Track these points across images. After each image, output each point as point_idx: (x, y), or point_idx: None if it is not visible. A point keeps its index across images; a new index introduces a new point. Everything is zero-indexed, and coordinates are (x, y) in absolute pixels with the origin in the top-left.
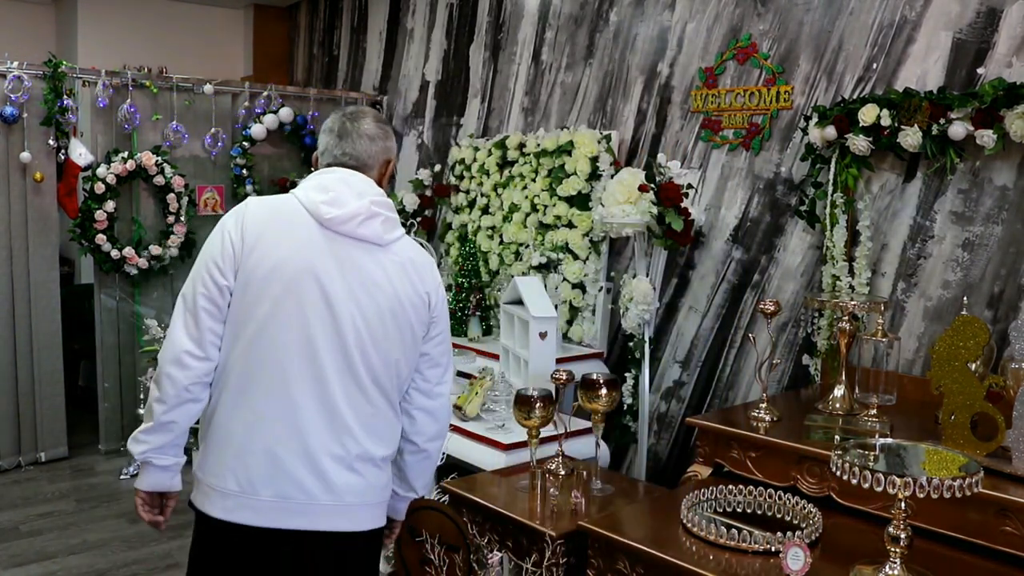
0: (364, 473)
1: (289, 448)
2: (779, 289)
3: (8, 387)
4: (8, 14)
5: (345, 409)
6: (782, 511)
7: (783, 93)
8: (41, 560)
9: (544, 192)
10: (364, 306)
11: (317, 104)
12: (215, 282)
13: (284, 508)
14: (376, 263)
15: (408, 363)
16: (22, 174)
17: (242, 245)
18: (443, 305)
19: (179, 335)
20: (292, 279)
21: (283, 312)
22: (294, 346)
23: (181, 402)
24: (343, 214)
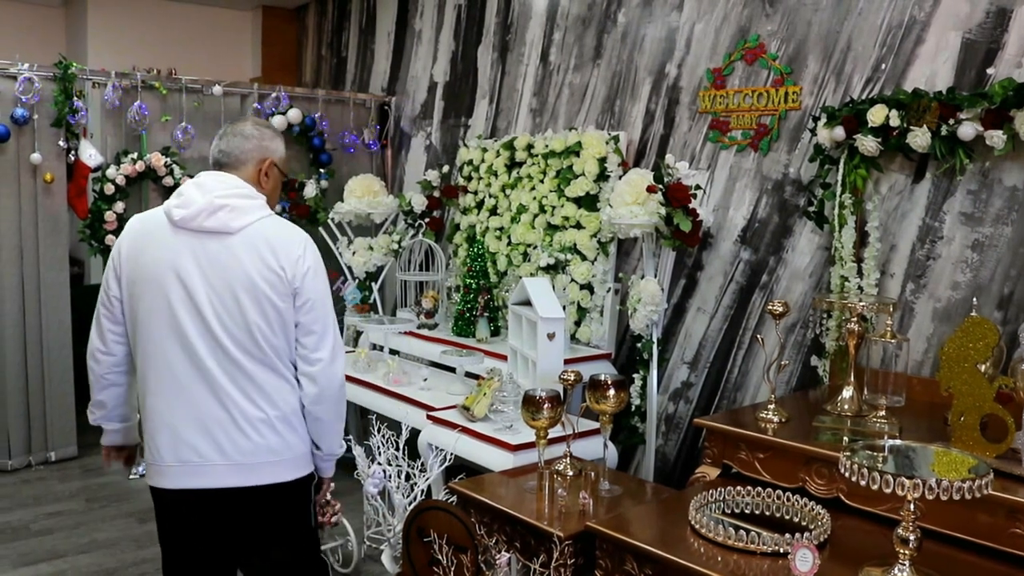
0: (250, 434)
1: (182, 418)
2: (787, 290)
3: (19, 387)
4: (19, 16)
5: (220, 378)
6: (790, 512)
7: (791, 94)
8: (51, 559)
9: (552, 193)
10: (217, 286)
11: (325, 105)
12: (106, 293)
13: (184, 471)
14: (225, 248)
15: (274, 329)
16: (32, 175)
17: (120, 259)
18: (307, 277)
19: (92, 335)
20: (156, 276)
21: (154, 306)
22: (167, 332)
23: (103, 387)
24: (189, 213)
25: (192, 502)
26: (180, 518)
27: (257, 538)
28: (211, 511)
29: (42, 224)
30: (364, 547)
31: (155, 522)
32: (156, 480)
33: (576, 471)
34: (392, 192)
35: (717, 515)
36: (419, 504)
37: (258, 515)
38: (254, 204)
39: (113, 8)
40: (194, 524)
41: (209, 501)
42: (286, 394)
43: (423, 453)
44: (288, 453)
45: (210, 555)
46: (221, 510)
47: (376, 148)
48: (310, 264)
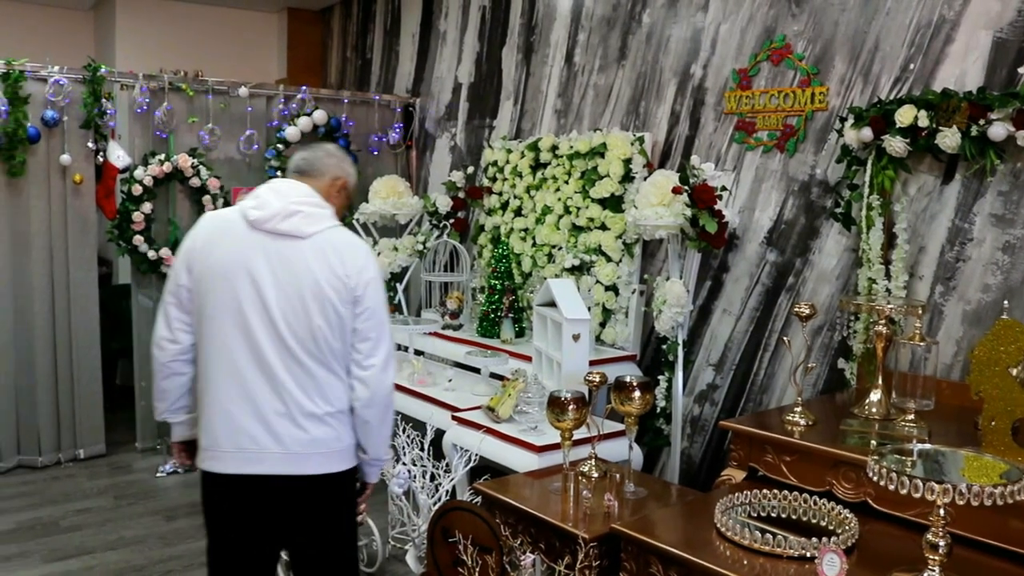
0: (306, 427)
1: (241, 408)
2: (814, 292)
3: (48, 385)
4: (49, 20)
5: (281, 372)
6: (817, 516)
7: (818, 94)
8: (80, 555)
9: (577, 194)
10: (285, 287)
11: (350, 107)
12: (176, 283)
13: (241, 457)
14: (296, 251)
15: (335, 332)
16: (62, 176)
17: (192, 252)
18: (369, 287)
19: (158, 324)
20: (228, 272)
21: (223, 299)
22: (233, 324)
23: (166, 375)
24: (264, 215)
25: (246, 487)
26: (233, 502)
27: (303, 524)
28: (263, 496)
29: (71, 224)
30: (388, 547)
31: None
32: (212, 465)
33: (601, 473)
34: (417, 193)
35: (743, 518)
36: (444, 504)
37: (306, 502)
38: (324, 213)
39: (141, 11)
40: (246, 508)
41: (262, 487)
42: (339, 392)
43: (448, 454)
44: (337, 445)
45: (256, 539)
46: (273, 496)
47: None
48: (372, 275)
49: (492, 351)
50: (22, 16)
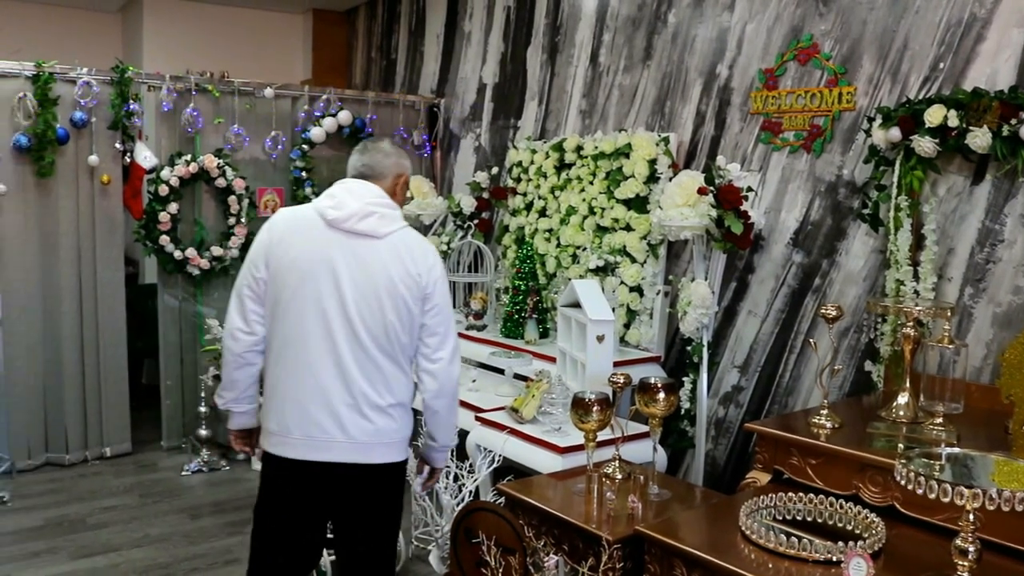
0: (372, 418)
1: (312, 397)
2: (841, 294)
3: (75, 384)
4: (77, 23)
5: (351, 365)
6: (843, 520)
7: (845, 94)
8: (106, 552)
9: (602, 195)
10: (361, 284)
11: (375, 107)
12: (253, 275)
13: (310, 445)
14: (372, 250)
15: (404, 328)
16: (90, 177)
17: (270, 245)
18: (437, 285)
19: (232, 315)
20: (307, 267)
21: (302, 292)
22: (311, 317)
23: (239, 366)
24: (343, 214)
25: (311, 472)
26: (296, 486)
27: (357, 510)
28: (326, 482)
29: (99, 224)
30: (412, 547)
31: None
32: (281, 450)
33: (625, 474)
34: (441, 193)
35: (768, 521)
36: (467, 505)
37: (364, 489)
38: (396, 214)
39: (168, 13)
40: (307, 492)
41: (327, 473)
42: (404, 385)
43: (471, 454)
44: (397, 436)
45: (308, 523)
46: (334, 482)
47: (428, 152)
48: (440, 273)
49: (516, 352)
50: (51, 19)
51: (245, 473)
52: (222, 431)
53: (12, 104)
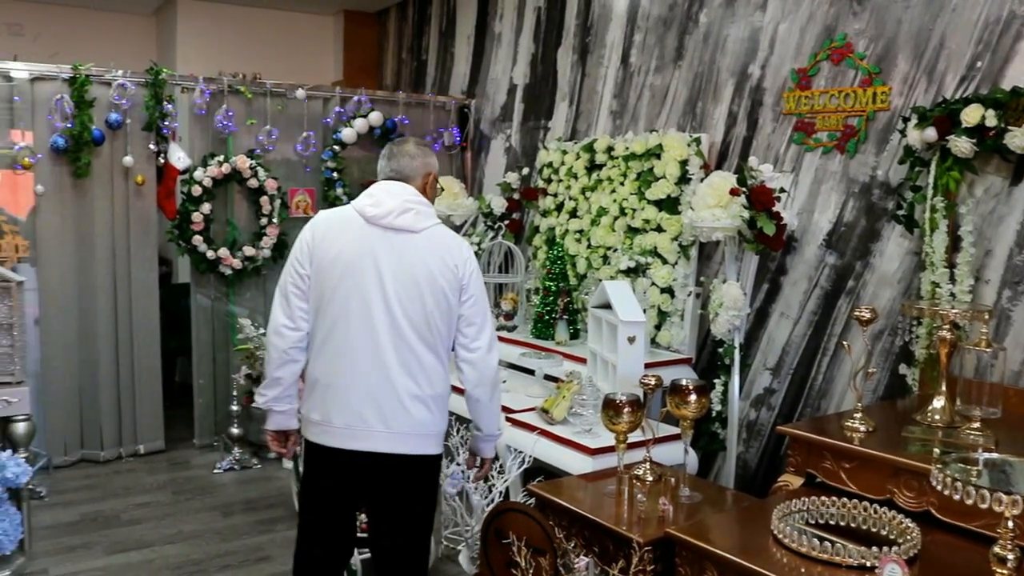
0: (411, 409)
1: (353, 387)
2: (875, 296)
3: (110, 382)
4: (113, 25)
5: (391, 356)
6: (877, 525)
7: (880, 94)
8: (140, 548)
9: (633, 196)
10: (401, 276)
11: (406, 108)
12: (298, 272)
13: (350, 434)
14: (411, 245)
15: (443, 318)
16: (125, 177)
17: (313, 243)
18: (473, 276)
19: (277, 313)
20: (350, 262)
21: (346, 286)
22: (355, 309)
23: (283, 363)
24: (381, 211)
25: (351, 461)
26: (336, 473)
27: (392, 498)
28: (364, 470)
29: (133, 225)
30: (442, 547)
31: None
32: (322, 439)
33: (656, 476)
34: (472, 194)
35: (800, 525)
36: (498, 505)
37: (399, 479)
38: (431, 211)
39: (201, 16)
40: (346, 479)
41: (365, 462)
42: (442, 377)
43: (501, 455)
44: (434, 428)
45: (347, 508)
46: (372, 471)
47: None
48: (475, 266)
49: (546, 352)
50: (87, 22)
51: (276, 472)
52: (254, 430)
53: (50, 106)
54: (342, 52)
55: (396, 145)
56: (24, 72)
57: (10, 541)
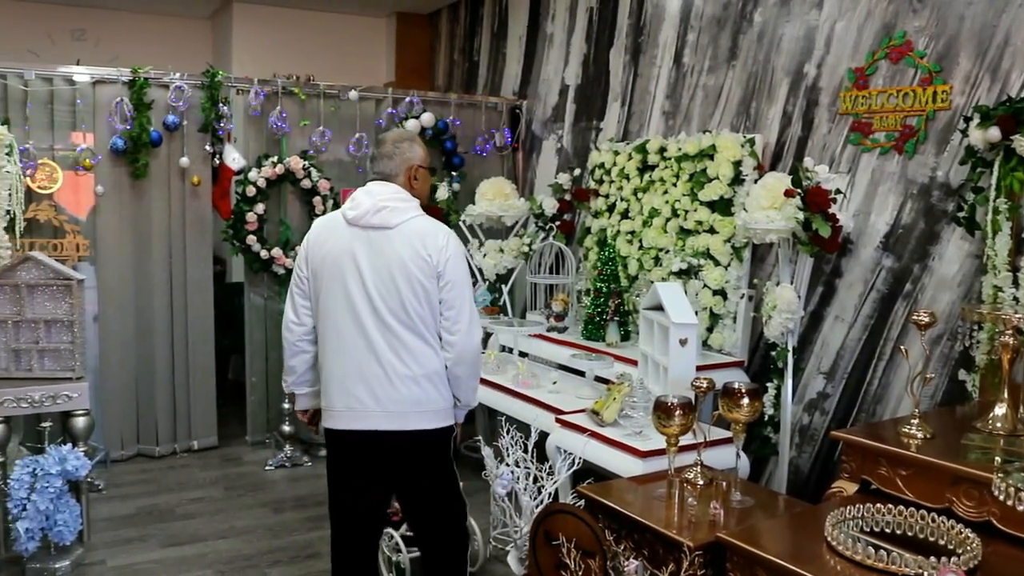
0: (400, 388)
1: (349, 373)
2: (933, 299)
3: (166, 378)
4: (170, 29)
5: (378, 341)
6: (935, 534)
7: (940, 93)
8: (194, 542)
9: (685, 197)
10: (379, 269)
11: (458, 109)
12: (299, 274)
13: (350, 415)
14: (386, 239)
15: (422, 303)
16: (181, 178)
17: (308, 247)
18: (450, 263)
19: (286, 310)
20: (335, 261)
21: (333, 284)
22: (341, 304)
23: (294, 353)
24: (359, 212)
25: (355, 441)
26: (347, 454)
27: (406, 474)
28: (370, 449)
29: (189, 224)
30: (490, 547)
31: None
32: (329, 422)
33: (707, 480)
34: (523, 195)
35: (855, 532)
36: (547, 507)
37: (406, 454)
38: (408, 206)
39: (256, 19)
40: (357, 458)
41: (368, 440)
42: (430, 357)
43: (551, 456)
44: (430, 405)
45: (367, 486)
46: (378, 449)
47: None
48: (451, 252)
49: (597, 354)
50: (147, 26)
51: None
52: (304, 428)
53: (110, 109)
54: (394, 54)
55: (376, 146)
56: (86, 76)
57: (70, 532)
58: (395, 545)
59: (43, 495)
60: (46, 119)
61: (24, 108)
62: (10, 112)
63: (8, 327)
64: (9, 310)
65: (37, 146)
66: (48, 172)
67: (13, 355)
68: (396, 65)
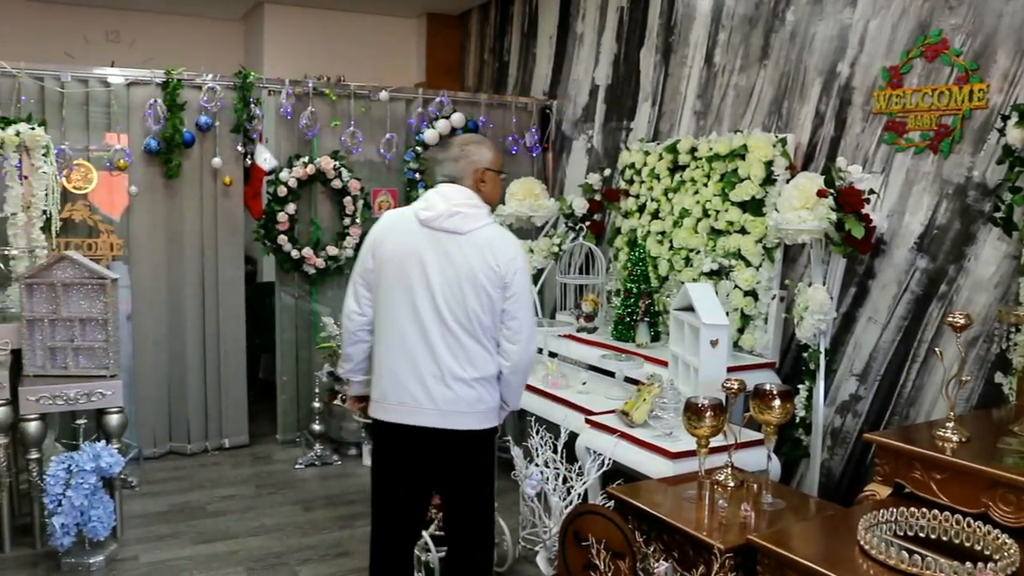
0: (455, 388)
1: (405, 369)
2: (968, 301)
3: (197, 377)
4: (202, 31)
5: (438, 342)
6: (971, 539)
7: (977, 91)
8: (224, 539)
9: (716, 197)
10: (447, 274)
11: (488, 109)
12: (364, 265)
13: (402, 410)
14: (456, 245)
15: (486, 312)
16: (213, 178)
17: (375, 241)
18: (517, 275)
19: (348, 299)
20: (403, 259)
21: (398, 280)
22: (404, 301)
23: (353, 342)
24: (432, 215)
25: (405, 434)
26: (394, 446)
27: (449, 471)
28: (417, 444)
29: (221, 224)
30: (519, 547)
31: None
32: (380, 414)
33: (737, 482)
34: (553, 195)
35: (888, 536)
36: (577, 507)
37: (452, 452)
38: (480, 213)
39: (287, 20)
40: (403, 451)
41: (417, 436)
42: (486, 361)
43: (581, 457)
44: (480, 406)
45: (411, 478)
46: (425, 444)
47: (537, 152)
48: (519, 265)
49: (627, 355)
50: (180, 28)
51: (356, 468)
52: (334, 427)
53: (143, 110)
54: (424, 54)
55: (443, 149)
56: (120, 78)
57: (104, 528)
58: (424, 544)
59: (78, 491)
60: (81, 120)
61: (60, 110)
62: (47, 114)
63: (44, 325)
64: (45, 308)
65: (72, 147)
66: (83, 173)
67: (49, 353)
68: (426, 65)
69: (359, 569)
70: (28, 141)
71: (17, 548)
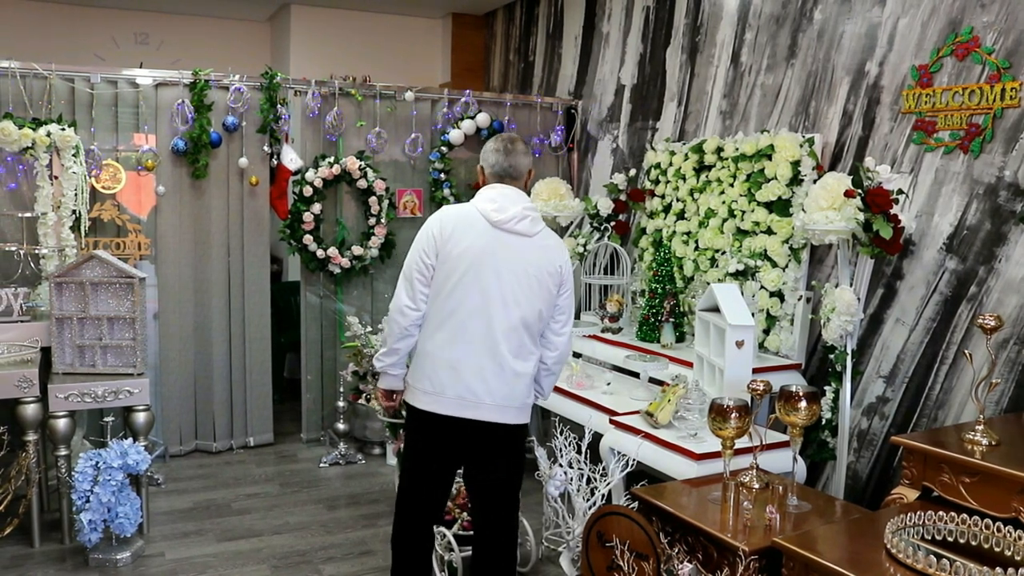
0: (512, 384)
1: (466, 364)
2: (999, 303)
3: (223, 375)
4: (229, 32)
5: (502, 340)
6: (1001, 544)
7: (1009, 90)
8: (249, 537)
9: (742, 197)
10: (518, 273)
11: (513, 110)
12: (423, 262)
13: (460, 404)
14: (525, 247)
15: (547, 311)
16: (240, 178)
17: (440, 238)
18: (568, 272)
19: (401, 295)
20: (474, 260)
21: (468, 278)
22: (474, 299)
23: (403, 337)
24: (505, 217)
25: (458, 427)
26: (443, 437)
27: (489, 459)
28: (469, 435)
29: (247, 224)
30: (542, 548)
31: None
32: (433, 407)
33: (763, 484)
34: (578, 195)
35: (915, 540)
36: (600, 508)
37: (498, 443)
38: (539, 216)
39: (313, 21)
40: (451, 442)
41: (472, 428)
42: (536, 357)
43: (605, 457)
44: (528, 400)
45: (448, 466)
46: (476, 436)
47: (563, 152)
48: (569, 266)
49: (652, 355)
50: (206, 30)
51: (380, 468)
52: (359, 425)
53: (171, 110)
54: (450, 54)
55: (508, 142)
56: (148, 79)
57: (131, 524)
58: (447, 544)
59: (105, 488)
60: (110, 121)
61: (90, 111)
62: (77, 115)
63: (73, 323)
64: (74, 307)
65: (101, 147)
66: (112, 173)
67: (78, 351)
68: (452, 66)
69: (382, 568)
70: (59, 142)
71: (46, 543)
